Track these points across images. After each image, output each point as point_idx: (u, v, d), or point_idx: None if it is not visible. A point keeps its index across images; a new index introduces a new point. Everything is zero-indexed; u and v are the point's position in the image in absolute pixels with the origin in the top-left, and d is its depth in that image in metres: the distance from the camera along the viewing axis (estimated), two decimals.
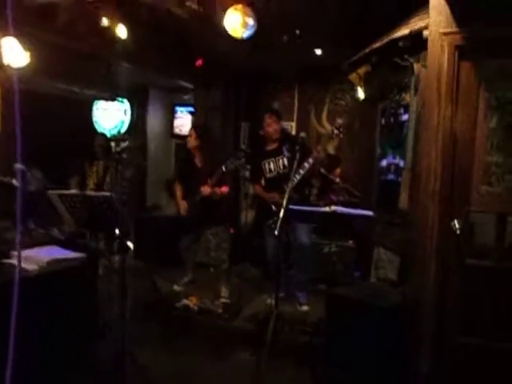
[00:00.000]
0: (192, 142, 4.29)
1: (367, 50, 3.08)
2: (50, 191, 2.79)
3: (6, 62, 2.77)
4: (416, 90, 2.65)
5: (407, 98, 3.06)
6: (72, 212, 2.77)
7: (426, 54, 2.55)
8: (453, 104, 2.52)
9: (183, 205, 4.28)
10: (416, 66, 2.66)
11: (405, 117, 3.19)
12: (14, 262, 2.60)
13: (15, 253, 2.65)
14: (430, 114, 2.55)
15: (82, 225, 2.99)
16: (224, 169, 4.01)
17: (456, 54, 2.48)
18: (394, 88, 3.31)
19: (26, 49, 2.85)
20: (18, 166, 3.03)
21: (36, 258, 2.64)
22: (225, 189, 4.22)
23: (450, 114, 2.52)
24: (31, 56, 3.29)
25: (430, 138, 2.54)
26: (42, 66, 3.83)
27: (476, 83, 2.51)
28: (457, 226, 2.47)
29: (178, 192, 4.40)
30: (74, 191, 2.72)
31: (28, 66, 3.27)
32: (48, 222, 3.31)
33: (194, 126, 4.63)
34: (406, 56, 2.66)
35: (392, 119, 3.51)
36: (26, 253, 2.68)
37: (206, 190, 4.08)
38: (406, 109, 3.13)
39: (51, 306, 2.55)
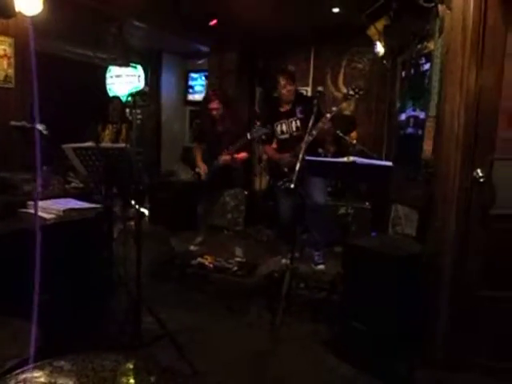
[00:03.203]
0: (216, 111, 4.20)
1: None
2: (65, 145, 2.76)
3: (17, 8, 2.72)
4: (440, 33, 2.53)
5: (430, 45, 2.93)
6: (87, 165, 2.75)
7: None
8: (479, 48, 2.40)
9: (203, 167, 4.26)
10: (441, 8, 2.53)
11: (426, 66, 3.07)
12: (32, 211, 2.62)
13: (33, 203, 2.67)
14: (455, 59, 2.44)
15: (97, 178, 2.98)
16: (249, 137, 3.99)
17: None
18: (416, 37, 3.18)
19: None
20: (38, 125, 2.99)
21: (52, 207, 2.65)
22: (244, 155, 4.21)
23: (475, 58, 2.40)
24: (44, 14, 3.22)
25: (454, 82, 2.43)
26: (55, 25, 3.78)
27: (504, 25, 2.38)
28: (480, 174, 2.40)
29: (198, 155, 4.37)
30: (88, 144, 2.67)
31: (41, 24, 3.21)
32: (64, 175, 3.31)
33: (215, 93, 4.45)
34: None
35: (413, 70, 3.38)
36: (42, 203, 2.69)
37: (225, 159, 4.08)
38: (428, 58, 3.00)
39: (67, 254, 2.56)
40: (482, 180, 2.39)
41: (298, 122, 3.86)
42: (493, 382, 2.38)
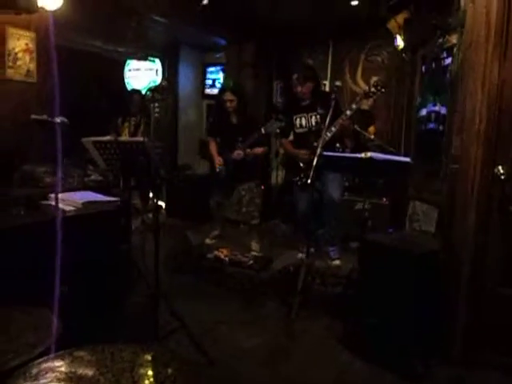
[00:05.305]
0: (230, 103, 4.16)
1: None
2: (84, 138, 2.80)
3: (40, 4, 2.76)
4: (462, 27, 2.48)
5: (452, 39, 2.88)
6: (106, 159, 2.79)
7: None
8: (502, 41, 2.35)
9: (219, 159, 4.24)
10: (463, 1, 2.48)
11: (448, 61, 3.02)
12: (52, 203, 2.66)
13: (53, 195, 2.72)
14: (477, 53, 2.39)
15: (116, 172, 3.02)
16: (263, 131, 3.95)
17: None
18: (437, 31, 3.12)
19: None
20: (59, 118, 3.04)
21: (72, 199, 2.69)
22: (259, 150, 4.17)
23: (498, 52, 2.35)
24: (65, 8, 3.25)
25: (477, 78, 2.39)
26: (76, 19, 3.82)
27: None
28: (501, 171, 2.36)
29: (213, 148, 4.36)
30: (107, 138, 2.71)
31: (62, 18, 3.25)
32: (84, 168, 3.36)
33: (230, 89, 4.39)
34: None
35: (434, 64, 3.32)
36: (62, 195, 2.74)
37: (238, 154, 4.04)
38: (450, 52, 2.95)
39: (86, 246, 2.59)
40: (503, 177, 2.35)
41: (319, 117, 3.83)
42: (510, 380, 2.35)
